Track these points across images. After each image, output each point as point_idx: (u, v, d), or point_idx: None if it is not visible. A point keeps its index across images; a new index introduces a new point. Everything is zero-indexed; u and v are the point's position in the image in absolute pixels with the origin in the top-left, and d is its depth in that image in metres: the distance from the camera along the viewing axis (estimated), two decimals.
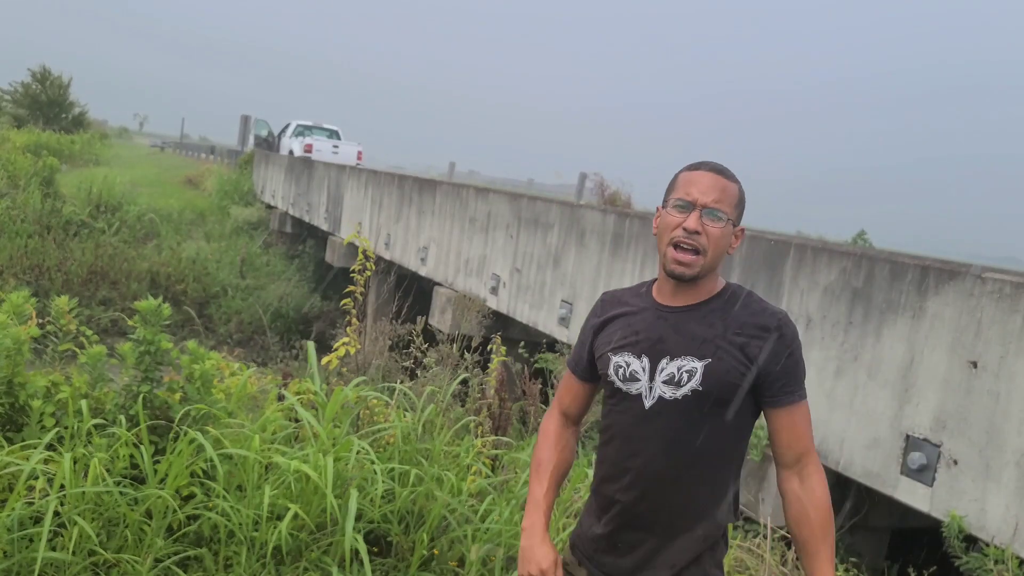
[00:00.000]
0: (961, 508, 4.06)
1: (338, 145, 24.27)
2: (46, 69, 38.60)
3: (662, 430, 1.86)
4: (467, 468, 3.85)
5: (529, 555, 2.02)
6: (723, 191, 1.84)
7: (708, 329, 1.85)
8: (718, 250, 1.84)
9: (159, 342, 3.34)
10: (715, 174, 1.86)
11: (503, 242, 9.31)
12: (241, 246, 18.75)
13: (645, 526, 1.89)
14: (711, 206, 1.82)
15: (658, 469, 1.86)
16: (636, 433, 1.89)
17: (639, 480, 1.88)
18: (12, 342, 3.28)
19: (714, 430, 1.84)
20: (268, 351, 13.91)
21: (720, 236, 1.83)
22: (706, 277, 1.88)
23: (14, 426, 3.33)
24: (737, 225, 1.89)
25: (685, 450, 1.85)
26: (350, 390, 3.67)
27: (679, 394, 1.84)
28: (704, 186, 1.84)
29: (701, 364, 1.82)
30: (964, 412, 4.14)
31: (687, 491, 1.87)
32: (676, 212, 1.85)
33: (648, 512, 1.88)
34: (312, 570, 3.08)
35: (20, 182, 19.39)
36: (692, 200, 1.83)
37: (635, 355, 1.90)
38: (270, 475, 3.29)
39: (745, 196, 1.92)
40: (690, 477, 1.86)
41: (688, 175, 1.87)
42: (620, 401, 1.93)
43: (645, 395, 1.88)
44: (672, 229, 1.85)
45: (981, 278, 4.17)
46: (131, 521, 2.96)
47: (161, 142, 52.74)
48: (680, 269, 1.84)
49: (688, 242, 1.82)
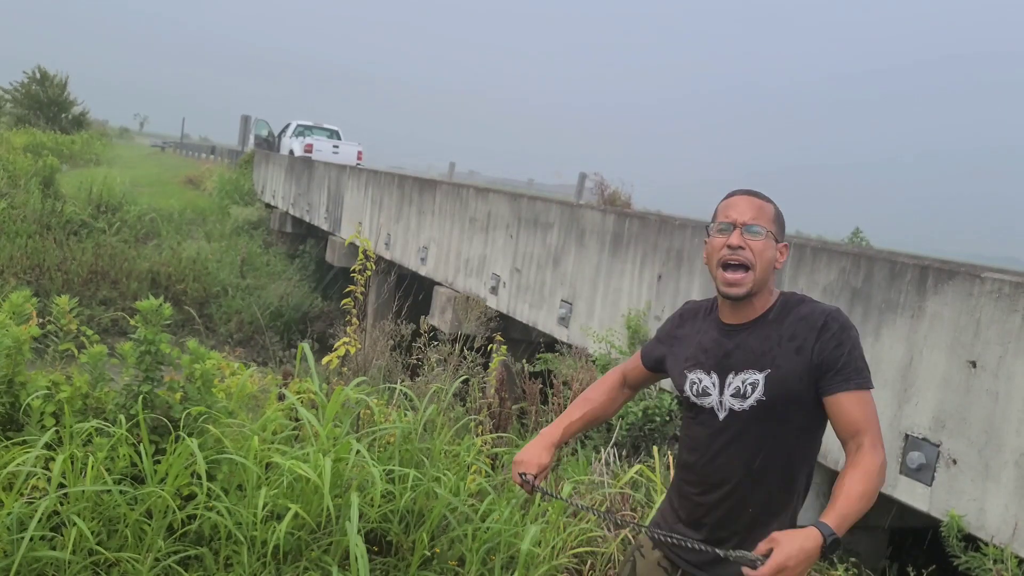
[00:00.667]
0: (960, 507, 4.07)
1: (338, 145, 24.28)
2: (42, 70, 38.54)
3: (734, 440, 2.02)
4: (467, 467, 3.86)
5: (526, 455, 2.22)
6: (759, 209, 2.02)
7: (765, 342, 2.01)
8: (764, 263, 1.99)
9: (159, 342, 3.35)
10: (750, 196, 2.05)
11: (503, 242, 9.32)
12: (241, 246, 18.76)
13: (724, 525, 2.05)
14: (749, 223, 1.99)
15: (733, 476, 2.03)
16: (712, 444, 2.06)
17: (717, 486, 2.05)
18: (12, 342, 3.29)
19: (782, 436, 1.99)
20: (268, 351, 13.92)
21: (763, 249, 1.99)
22: (759, 293, 2.03)
23: (14, 426, 3.34)
24: (780, 241, 2.05)
25: (756, 456, 2.00)
26: (351, 390, 3.68)
27: (746, 405, 2.00)
28: (741, 207, 2.02)
29: (762, 376, 1.98)
30: (963, 412, 4.14)
31: (762, 494, 2.02)
32: (719, 235, 2.03)
33: (726, 514, 2.05)
34: (312, 569, 3.08)
35: (20, 182, 19.40)
36: (732, 221, 2.01)
37: (705, 372, 2.08)
38: (270, 475, 3.30)
39: (782, 214, 2.08)
40: (763, 481, 2.01)
41: (725, 202, 2.07)
42: (697, 415, 2.11)
43: (717, 408, 2.05)
44: (718, 250, 2.01)
45: (980, 278, 4.17)
46: (131, 520, 2.97)
47: (162, 142, 52.75)
48: (733, 290, 2.00)
49: (734, 258, 1.99)
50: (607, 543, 3.77)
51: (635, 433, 6.05)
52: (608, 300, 7.33)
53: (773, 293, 2.07)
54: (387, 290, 10.60)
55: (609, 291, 7.33)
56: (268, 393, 4.23)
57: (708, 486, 2.07)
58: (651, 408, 6.10)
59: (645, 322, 6.72)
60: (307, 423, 3.44)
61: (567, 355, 6.64)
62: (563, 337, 7.80)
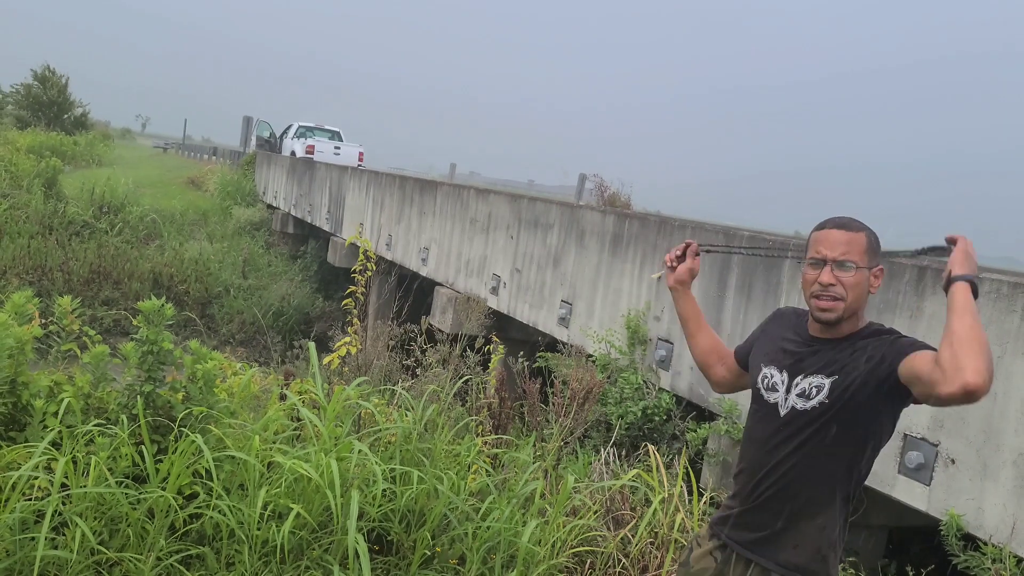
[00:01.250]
0: (959, 507, 4.08)
1: (340, 146, 24.29)
2: (49, 68, 38.59)
3: (791, 437, 2.17)
4: (468, 467, 3.87)
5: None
6: (849, 243, 2.11)
7: (840, 353, 2.14)
8: (856, 293, 2.11)
9: (162, 342, 3.37)
10: (840, 230, 2.14)
11: (503, 243, 9.34)
12: (243, 246, 18.79)
13: (774, 511, 2.21)
14: (839, 259, 2.10)
15: (787, 469, 2.18)
16: (772, 440, 2.22)
17: (767, 477, 2.21)
18: (15, 342, 3.31)
19: (836, 440, 2.12)
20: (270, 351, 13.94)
21: (854, 283, 2.11)
22: (850, 318, 2.15)
23: (17, 426, 3.35)
24: (873, 267, 2.15)
25: (807, 455, 2.15)
26: (352, 390, 3.70)
27: (808, 406, 2.14)
28: (831, 242, 2.12)
29: (828, 380, 2.12)
30: (962, 411, 4.15)
31: (807, 491, 2.16)
32: (811, 269, 2.15)
33: (772, 504, 2.20)
34: (313, 568, 3.10)
35: (23, 183, 19.44)
36: (822, 257, 2.12)
37: (778, 369, 2.24)
38: (272, 474, 3.32)
39: (875, 239, 2.16)
40: (809, 479, 2.15)
41: (816, 235, 2.18)
42: (760, 408, 2.28)
43: (781, 404, 2.21)
44: (811, 284, 2.15)
45: (978, 278, 4.18)
46: (133, 520, 2.98)
47: (164, 143, 52.76)
48: (825, 315, 2.14)
49: (826, 294, 2.12)
50: (607, 542, 3.79)
51: (635, 433, 6.06)
52: (608, 300, 7.35)
53: (862, 320, 2.18)
54: (388, 290, 10.62)
55: (609, 291, 7.34)
56: (270, 393, 4.25)
57: (760, 477, 2.23)
58: (650, 408, 6.11)
59: (645, 322, 6.73)
60: (309, 423, 3.45)
61: (567, 355, 6.66)
62: (563, 337, 7.81)
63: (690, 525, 3.92)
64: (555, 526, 3.64)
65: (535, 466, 4.03)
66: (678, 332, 6.41)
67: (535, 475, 4.01)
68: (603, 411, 6.11)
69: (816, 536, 2.17)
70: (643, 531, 3.79)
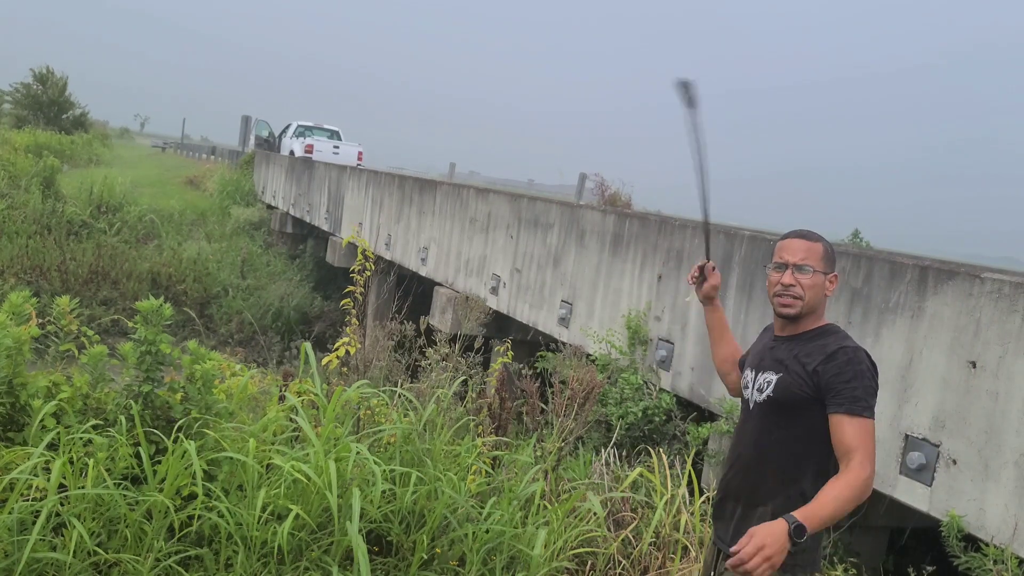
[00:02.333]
0: (960, 508, 4.07)
1: (339, 146, 24.26)
2: (48, 69, 38.55)
3: (753, 426, 2.48)
4: (468, 468, 3.85)
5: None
6: (808, 250, 2.43)
7: (789, 352, 2.42)
8: (812, 294, 2.41)
9: (160, 342, 3.35)
10: (801, 239, 2.46)
11: (503, 242, 9.32)
12: (242, 246, 18.76)
13: (734, 497, 2.51)
14: (799, 263, 2.41)
15: (747, 455, 2.49)
16: (741, 428, 2.58)
17: (737, 462, 2.53)
18: (13, 342, 3.29)
19: (786, 429, 2.38)
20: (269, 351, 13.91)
21: (811, 284, 2.41)
22: (807, 316, 2.44)
23: (15, 426, 3.34)
24: (829, 274, 2.45)
25: (764, 442, 2.43)
26: (352, 391, 3.68)
27: (762, 398, 2.45)
28: (792, 249, 2.44)
29: (775, 377, 2.42)
30: (963, 412, 4.14)
31: (764, 475, 2.42)
32: (774, 272, 2.47)
33: (739, 484, 2.49)
34: (312, 569, 3.09)
35: (21, 182, 19.40)
36: (784, 262, 2.44)
37: (751, 369, 2.56)
38: (270, 476, 3.30)
39: (831, 249, 2.48)
40: (766, 464, 2.41)
41: (780, 243, 2.49)
42: (742, 403, 2.60)
43: (749, 399, 2.53)
44: (774, 285, 2.46)
45: (980, 278, 4.17)
46: (131, 521, 2.97)
47: (162, 143, 52.70)
48: (785, 310, 2.44)
49: (787, 293, 2.42)
50: (607, 544, 3.77)
51: (635, 433, 6.05)
52: (608, 300, 7.33)
53: (821, 319, 2.47)
54: (387, 290, 10.60)
55: (609, 291, 7.33)
56: (269, 394, 4.23)
57: (732, 460, 2.56)
58: (651, 408, 6.10)
59: (645, 322, 6.72)
60: (303, 426, 3.43)
61: (567, 355, 6.64)
62: (563, 337, 7.80)
63: (692, 525, 3.90)
64: (557, 530, 3.62)
65: (536, 467, 4.02)
66: (678, 332, 6.40)
67: (535, 476, 4.00)
68: (603, 411, 6.10)
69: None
70: (647, 534, 3.78)
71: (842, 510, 2.14)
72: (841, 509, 2.14)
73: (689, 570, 3.71)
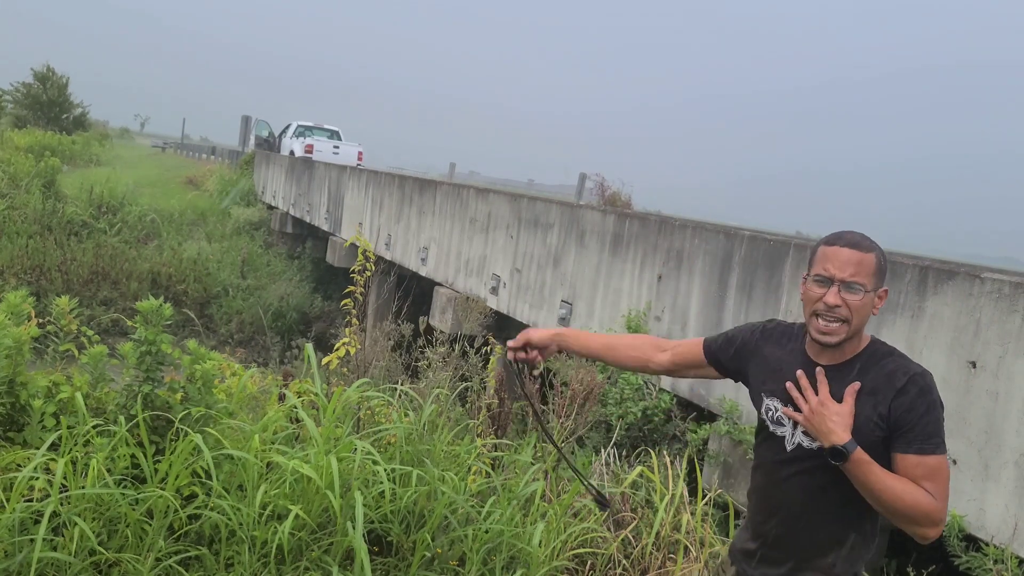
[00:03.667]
0: (960, 508, 4.07)
1: (339, 146, 24.25)
2: (49, 68, 38.55)
3: (799, 473, 2.07)
4: (468, 468, 3.86)
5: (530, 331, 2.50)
6: (859, 264, 1.97)
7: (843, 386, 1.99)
8: (860, 317, 1.98)
9: (160, 342, 3.35)
10: (851, 249, 1.98)
11: (503, 242, 9.32)
12: (242, 246, 18.76)
13: (785, 549, 2.12)
14: (848, 280, 1.96)
15: (794, 506, 2.09)
16: (778, 472, 2.12)
17: (779, 512, 2.13)
18: (12, 342, 3.29)
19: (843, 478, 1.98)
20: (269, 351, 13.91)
21: (860, 306, 1.97)
22: (851, 339, 2.02)
23: (16, 426, 3.34)
24: (879, 289, 2.02)
25: (816, 492, 2.05)
26: (353, 391, 3.68)
27: (815, 445, 2.02)
28: (840, 262, 1.97)
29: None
30: (963, 412, 4.14)
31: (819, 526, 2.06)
32: (816, 287, 2.01)
33: (786, 539, 2.12)
34: (313, 569, 3.09)
35: (21, 183, 19.41)
36: (830, 276, 1.98)
37: (783, 402, 2.09)
38: (271, 475, 3.30)
39: (884, 260, 2.03)
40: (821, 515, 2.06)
41: (825, 250, 2.02)
42: (766, 439, 2.17)
43: (788, 439, 2.09)
44: (814, 302, 2.01)
45: (980, 278, 4.17)
46: (132, 521, 2.97)
47: (162, 143, 52.71)
48: (825, 339, 2.00)
49: (830, 315, 1.98)
50: (607, 544, 3.77)
51: (634, 433, 6.05)
52: (608, 300, 7.33)
53: (864, 339, 2.07)
54: (387, 290, 10.61)
55: (609, 291, 7.33)
56: (269, 394, 4.23)
57: (770, 510, 2.15)
58: (650, 408, 6.10)
59: (645, 322, 6.72)
60: (306, 424, 3.44)
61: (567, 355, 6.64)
62: None
63: (693, 526, 3.90)
64: (557, 528, 3.62)
65: (535, 467, 4.02)
66: (679, 332, 6.40)
67: (535, 476, 4.00)
68: (603, 412, 6.10)
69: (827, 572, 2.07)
70: (649, 535, 3.78)
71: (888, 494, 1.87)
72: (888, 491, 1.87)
73: (689, 570, 3.71)
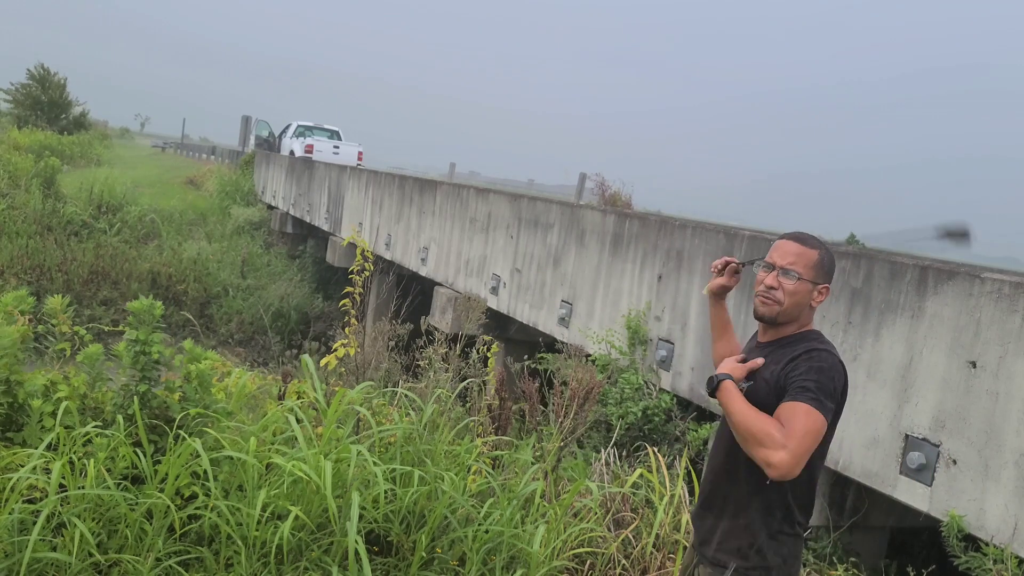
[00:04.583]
0: (960, 508, 4.06)
1: (339, 146, 24.25)
2: (45, 68, 38.50)
3: (726, 434, 2.41)
4: (468, 468, 3.85)
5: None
6: (798, 255, 2.32)
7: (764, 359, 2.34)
8: (793, 301, 2.31)
9: (152, 343, 3.34)
10: (795, 242, 2.35)
11: (503, 242, 9.32)
12: (242, 246, 18.76)
13: (708, 507, 2.45)
14: (786, 267, 2.31)
15: (719, 464, 2.44)
16: (719, 433, 2.52)
17: (710, 471, 2.49)
18: (8, 341, 3.29)
19: None
20: (269, 351, 13.91)
21: (793, 291, 2.31)
22: (787, 323, 2.36)
23: (14, 426, 3.33)
24: (819, 284, 2.33)
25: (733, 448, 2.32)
26: (356, 392, 3.68)
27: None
28: (783, 251, 2.34)
29: (747, 385, 2.32)
30: (963, 412, 4.14)
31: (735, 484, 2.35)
32: (762, 271, 2.37)
33: (711, 496, 2.45)
34: (312, 569, 3.08)
35: (21, 182, 19.40)
36: (772, 262, 2.35)
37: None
38: (270, 476, 3.30)
39: (829, 261, 2.36)
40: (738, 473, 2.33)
41: (775, 243, 2.39)
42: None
43: None
44: (758, 284, 2.37)
45: (980, 278, 4.17)
46: (131, 521, 2.97)
47: (162, 143, 52.70)
48: (761, 310, 2.37)
49: (766, 295, 2.34)
50: (607, 544, 3.77)
51: (635, 433, 6.04)
52: (608, 300, 7.33)
53: (803, 326, 2.37)
54: (386, 290, 10.60)
55: (609, 291, 7.33)
56: (268, 394, 4.23)
57: (708, 468, 2.53)
58: (651, 408, 6.09)
59: (645, 323, 6.71)
60: (305, 425, 3.43)
61: (567, 355, 6.63)
62: (563, 337, 7.79)
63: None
64: (557, 528, 3.62)
65: (535, 467, 4.02)
66: (679, 332, 6.39)
67: (535, 476, 4.00)
68: (603, 412, 6.09)
69: (740, 534, 2.32)
70: (648, 535, 3.77)
71: (739, 416, 2.16)
72: (740, 414, 2.16)
73: None
